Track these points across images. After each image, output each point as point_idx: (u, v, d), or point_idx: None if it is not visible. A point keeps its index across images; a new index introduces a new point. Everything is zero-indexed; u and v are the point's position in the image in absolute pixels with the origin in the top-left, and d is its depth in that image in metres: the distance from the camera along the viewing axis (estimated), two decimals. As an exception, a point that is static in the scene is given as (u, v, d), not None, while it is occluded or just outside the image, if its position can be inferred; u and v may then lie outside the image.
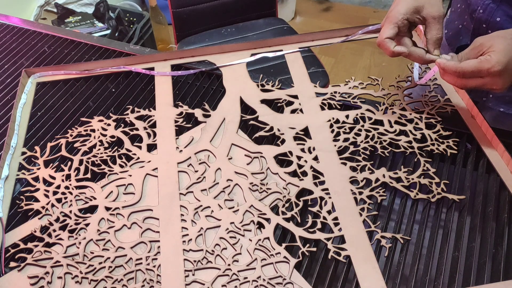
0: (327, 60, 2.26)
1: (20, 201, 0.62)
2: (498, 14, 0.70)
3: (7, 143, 0.68)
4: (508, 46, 0.56)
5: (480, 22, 0.73)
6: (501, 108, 0.78)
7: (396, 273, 0.54)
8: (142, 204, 0.62)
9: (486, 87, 0.59)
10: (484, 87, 0.60)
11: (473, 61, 0.58)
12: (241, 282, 0.53)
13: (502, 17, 0.70)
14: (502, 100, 0.77)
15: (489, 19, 0.71)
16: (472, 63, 0.58)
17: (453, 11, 0.86)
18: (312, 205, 0.61)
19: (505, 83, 0.58)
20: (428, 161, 0.65)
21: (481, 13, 0.72)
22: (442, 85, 0.75)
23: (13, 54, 0.88)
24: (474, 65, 0.57)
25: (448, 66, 0.60)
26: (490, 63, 0.56)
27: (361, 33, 0.84)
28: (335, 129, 0.70)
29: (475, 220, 0.59)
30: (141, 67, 0.82)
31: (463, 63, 0.59)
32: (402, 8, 0.63)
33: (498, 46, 0.57)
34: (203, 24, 1.61)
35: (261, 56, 0.83)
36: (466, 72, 0.58)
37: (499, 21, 0.70)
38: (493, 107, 0.79)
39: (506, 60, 0.56)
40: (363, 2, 2.69)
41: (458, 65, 0.59)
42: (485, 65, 0.56)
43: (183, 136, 0.71)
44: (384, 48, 0.64)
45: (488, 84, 0.59)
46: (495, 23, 0.71)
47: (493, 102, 0.78)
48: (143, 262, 0.55)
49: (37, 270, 0.55)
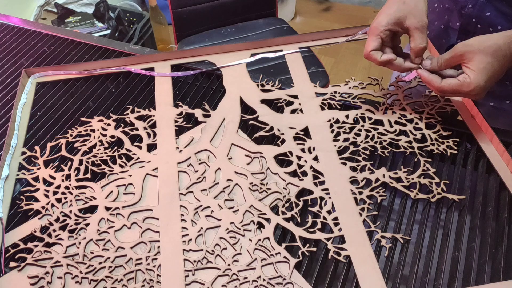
0: (327, 60, 2.26)
1: (20, 201, 0.62)
2: (488, 9, 0.70)
3: (7, 143, 0.68)
4: (487, 65, 0.59)
5: (470, 17, 0.73)
6: (491, 103, 0.78)
7: (396, 273, 0.54)
8: (142, 204, 0.62)
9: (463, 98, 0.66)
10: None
11: (454, 82, 0.61)
12: (241, 282, 0.53)
13: (492, 12, 0.70)
14: (492, 95, 0.77)
15: (480, 14, 0.72)
16: (453, 83, 0.61)
17: (430, 11, 0.85)
18: (312, 205, 0.61)
19: (481, 97, 0.62)
20: (428, 161, 0.65)
21: (470, 8, 0.72)
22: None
23: (13, 54, 0.88)
24: (454, 87, 0.61)
25: (431, 81, 0.63)
26: (469, 87, 0.60)
27: (361, 33, 0.84)
28: (335, 129, 0.70)
29: (475, 220, 0.59)
30: (141, 67, 0.82)
31: (444, 82, 0.62)
32: (383, 20, 0.64)
33: (478, 65, 0.59)
34: (203, 24, 1.61)
35: (261, 56, 0.83)
36: (446, 91, 0.62)
37: (489, 15, 0.71)
38: (483, 103, 0.79)
39: (484, 83, 0.59)
40: (363, 2, 2.69)
41: (439, 83, 0.62)
42: (464, 88, 0.60)
43: (183, 136, 0.71)
44: (372, 60, 0.66)
45: (465, 97, 0.64)
46: (485, 18, 0.71)
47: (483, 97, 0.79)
48: (143, 262, 0.55)
49: (37, 270, 0.55)
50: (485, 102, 0.79)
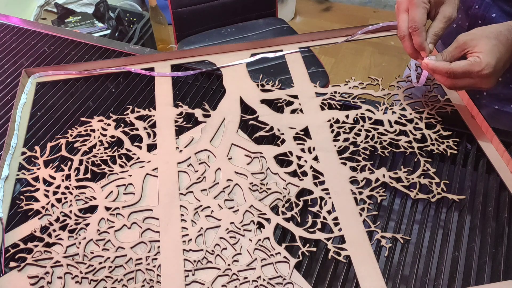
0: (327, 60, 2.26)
1: (20, 201, 0.62)
2: (493, 10, 0.70)
3: (7, 143, 0.68)
4: (493, 47, 0.58)
5: (476, 18, 0.73)
6: (495, 106, 0.78)
7: (396, 273, 0.54)
8: (142, 204, 0.62)
9: (474, 86, 0.60)
10: (472, 87, 0.61)
11: (464, 63, 0.59)
12: (241, 282, 0.53)
13: (498, 12, 0.70)
14: (496, 98, 0.77)
15: (485, 15, 0.71)
16: (462, 64, 0.58)
17: None
18: (312, 205, 0.61)
19: (493, 83, 0.60)
20: (428, 161, 0.65)
21: (476, 9, 0.72)
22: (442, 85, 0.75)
23: (13, 54, 0.88)
24: (464, 67, 0.58)
25: (439, 67, 0.60)
26: (480, 66, 0.57)
27: (361, 33, 0.84)
28: (335, 129, 0.70)
29: (475, 220, 0.59)
30: (141, 67, 0.82)
31: (453, 64, 0.59)
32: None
33: (484, 47, 0.58)
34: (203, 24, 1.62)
35: (261, 56, 0.83)
36: (457, 73, 0.59)
37: (494, 17, 0.71)
38: (487, 105, 0.79)
39: (494, 62, 0.57)
40: (363, 2, 2.69)
41: (448, 66, 0.59)
42: (475, 68, 0.58)
43: (183, 136, 0.71)
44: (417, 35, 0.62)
45: (477, 84, 0.60)
46: (491, 19, 0.71)
47: (487, 99, 0.78)
48: (143, 262, 0.55)
49: (37, 270, 0.55)
50: (489, 105, 0.78)
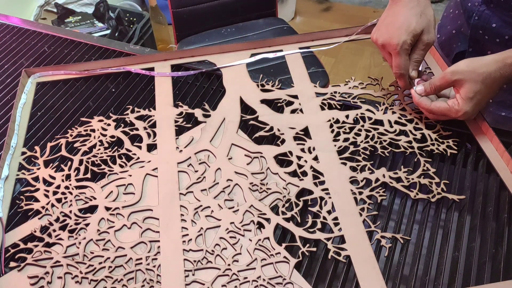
0: (327, 60, 2.26)
1: (20, 201, 0.62)
2: (493, 20, 0.71)
3: (7, 143, 0.68)
4: (476, 94, 0.62)
5: (477, 28, 0.74)
6: (502, 113, 0.78)
7: (396, 273, 0.54)
8: (142, 204, 0.62)
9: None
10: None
11: (443, 106, 0.65)
12: (241, 282, 0.53)
13: (498, 22, 0.70)
14: (503, 105, 0.77)
15: (485, 25, 0.72)
16: (442, 107, 0.65)
17: (445, 15, 0.86)
18: (312, 205, 0.61)
19: (469, 119, 0.67)
20: (428, 161, 0.65)
21: (476, 20, 0.73)
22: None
23: (13, 54, 0.88)
24: (442, 110, 0.65)
25: (421, 103, 0.67)
26: (457, 113, 0.64)
27: (360, 30, 0.84)
28: (335, 129, 0.70)
29: (475, 220, 0.59)
30: (141, 67, 0.82)
31: (433, 104, 0.66)
32: (407, 38, 0.66)
33: (467, 94, 0.62)
34: (203, 24, 1.61)
35: (261, 57, 0.83)
36: (435, 112, 0.66)
37: (495, 27, 0.71)
38: (494, 112, 0.79)
39: (471, 109, 0.63)
40: (363, 2, 2.69)
41: (429, 105, 0.66)
42: (452, 113, 0.64)
43: (183, 136, 0.71)
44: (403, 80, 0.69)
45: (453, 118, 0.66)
46: (492, 29, 0.72)
47: (494, 106, 0.79)
48: (143, 262, 0.55)
49: (37, 270, 0.55)
50: (496, 112, 0.78)
